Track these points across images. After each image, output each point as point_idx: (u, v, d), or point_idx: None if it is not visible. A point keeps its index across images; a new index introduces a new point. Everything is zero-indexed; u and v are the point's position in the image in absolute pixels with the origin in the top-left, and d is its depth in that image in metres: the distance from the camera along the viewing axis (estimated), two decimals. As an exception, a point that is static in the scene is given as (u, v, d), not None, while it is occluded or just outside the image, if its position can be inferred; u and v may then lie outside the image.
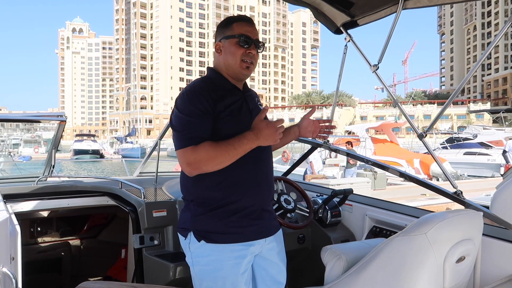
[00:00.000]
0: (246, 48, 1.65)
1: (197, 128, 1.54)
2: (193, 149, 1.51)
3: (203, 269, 1.60)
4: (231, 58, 1.65)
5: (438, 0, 1.92)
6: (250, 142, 1.52)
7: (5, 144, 26.30)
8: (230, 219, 1.60)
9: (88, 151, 40.52)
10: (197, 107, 1.55)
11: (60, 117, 2.92)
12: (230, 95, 1.65)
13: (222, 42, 1.68)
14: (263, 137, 1.51)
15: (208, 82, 1.66)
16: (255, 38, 1.67)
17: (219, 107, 1.58)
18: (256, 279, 1.74)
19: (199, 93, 1.57)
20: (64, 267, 3.44)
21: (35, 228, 3.34)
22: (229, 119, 1.59)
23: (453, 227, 1.57)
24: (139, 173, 3.66)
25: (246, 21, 1.69)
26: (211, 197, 1.60)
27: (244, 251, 1.61)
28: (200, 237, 1.59)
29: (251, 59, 1.66)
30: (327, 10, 2.26)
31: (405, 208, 2.42)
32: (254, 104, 1.76)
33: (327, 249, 1.90)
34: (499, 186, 1.85)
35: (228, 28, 1.68)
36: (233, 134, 1.56)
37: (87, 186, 2.91)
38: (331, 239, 2.56)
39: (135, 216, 2.42)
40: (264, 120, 1.55)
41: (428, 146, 2.09)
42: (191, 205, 1.65)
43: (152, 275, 2.28)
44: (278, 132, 1.53)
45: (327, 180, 10.67)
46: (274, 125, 1.53)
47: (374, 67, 2.15)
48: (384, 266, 1.58)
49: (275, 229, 1.77)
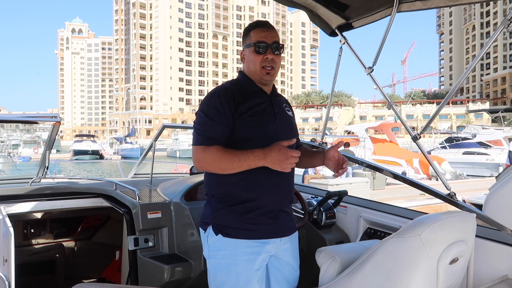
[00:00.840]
0: (262, 54, 1.70)
1: (212, 129, 1.61)
2: (204, 149, 1.60)
3: (219, 263, 1.65)
4: (252, 66, 1.72)
5: (432, 4, 1.93)
6: (256, 159, 1.56)
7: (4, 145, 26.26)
8: (248, 215, 1.65)
9: (87, 151, 40.53)
10: (217, 108, 1.62)
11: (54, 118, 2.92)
12: (255, 97, 1.71)
13: (245, 51, 1.76)
14: (271, 160, 1.54)
15: (236, 84, 1.74)
16: (271, 42, 1.71)
17: (241, 108, 1.64)
18: (270, 279, 1.78)
19: (222, 95, 1.64)
20: (58, 269, 3.42)
21: (28, 229, 3.32)
22: (251, 120, 1.65)
23: (446, 228, 1.58)
24: (134, 175, 3.65)
25: (262, 26, 1.74)
26: (231, 194, 1.66)
27: (259, 248, 1.66)
28: (218, 231, 1.65)
29: (271, 64, 1.71)
30: (322, 13, 2.27)
31: (399, 210, 2.43)
32: (281, 108, 1.79)
33: (321, 251, 1.89)
34: (492, 188, 1.86)
35: (247, 36, 1.75)
36: (252, 134, 1.64)
37: (81, 187, 2.90)
38: (325, 241, 2.56)
39: (129, 218, 2.42)
40: (281, 145, 1.55)
41: (422, 148, 2.09)
42: (212, 201, 1.72)
43: (147, 277, 2.28)
44: (289, 161, 1.53)
45: (326, 180, 10.68)
46: (285, 152, 1.53)
47: (369, 69, 2.15)
48: (378, 267, 1.59)
49: (291, 230, 1.81)
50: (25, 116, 3.27)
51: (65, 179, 3.48)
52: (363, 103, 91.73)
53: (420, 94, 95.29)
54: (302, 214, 2.59)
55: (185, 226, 2.43)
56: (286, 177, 1.73)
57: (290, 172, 1.76)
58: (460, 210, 1.92)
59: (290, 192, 1.80)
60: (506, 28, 1.67)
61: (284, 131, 1.76)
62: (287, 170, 1.56)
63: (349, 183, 10.17)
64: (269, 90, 1.79)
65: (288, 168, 1.55)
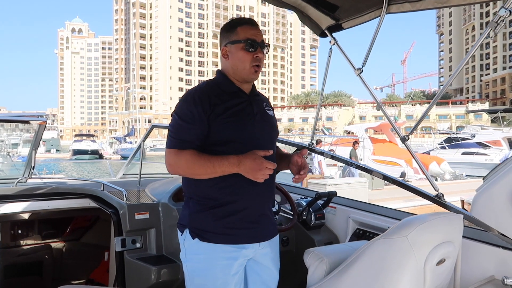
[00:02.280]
0: (253, 52, 1.65)
1: (186, 132, 1.57)
2: (176, 153, 1.56)
3: (196, 267, 1.62)
4: (240, 64, 1.66)
5: (420, 5, 1.94)
6: (230, 166, 1.53)
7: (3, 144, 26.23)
8: (226, 220, 1.61)
9: (87, 151, 40.50)
10: (191, 111, 1.57)
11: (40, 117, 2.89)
12: (233, 98, 1.66)
13: (228, 47, 1.68)
14: (245, 168, 1.52)
15: (213, 85, 1.68)
16: (260, 40, 1.67)
17: (217, 110, 1.59)
18: (248, 283, 1.74)
19: (197, 96, 1.60)
20: (46, 270, 3.39)
21: (15, 230, 3.28)
22: (228, 121, 1.60)
23: (433, 229, 1.58)
24: (122, 175, 3.63)
25: (250, 24, 1.69)
26: (210, 196, 1.62)
27: (236, 253, 1.62)
28: (195, 234, 1.62)
29: (259, 62, 1.67)
30: (312, 13, 2.27)
31: (388, 211, 2.43)
32: (261, 108, 1.75)
33: (309, 252, 1.89)
34: (479, 189, 1.86)
35: (233, 32, 1.67)
36: (230, 136, 1.59)
37: (68, 188, 2.87)
38: (315, 242, 2.55)
39: (117, 219, 2.39)
40: (257, 154, 1.54)
41: (410, 149, 2.09)
42: (190, 202, 1.68)
43: (134, 278, 2.26)
44: (263, 172, 1.51)
45: (324, 180, 10.67)
46: (261, 163, 1.51)
47: (358, 70, 2.15)
48: (365, 268, 1.59)
49: (271, 234, 1.77)
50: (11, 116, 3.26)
51: (52, 179, 3.44)
52: (363, 103, 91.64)
53: (419, 95, 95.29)
54: (291, 215, 2.58)
55: (173, 227, 2.40)
56: (269, 179, 1.66)
57: (272, 174, 1.72)
58: (448, 211, 1.92)
59: (272, 195, 1.78)
60: (493, 30, 1.68)
61: (264, 131, 1.71)
62: (259, 180, 1.53)
63: (348, 183, 10.15)
64: (248, 90, 1.74)
65: (261, 178, 1.52)
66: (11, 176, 3.18)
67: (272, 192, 1.77)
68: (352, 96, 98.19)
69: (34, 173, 3.24)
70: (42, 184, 3.01)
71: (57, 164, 28.01)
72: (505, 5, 1.58)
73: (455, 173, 16.90)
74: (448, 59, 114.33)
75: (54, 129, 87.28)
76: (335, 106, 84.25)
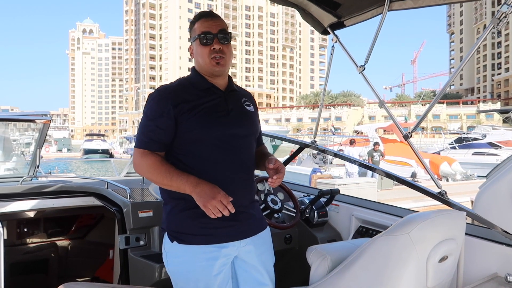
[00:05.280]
0: (209, 45, 1.60)
1: (152, 131, 1.55)
2: (142, 154, 1.55)
3: (177, 270, 1.60)
4: (200, 59, 1.63)
5: (423, 2, 1.93)
6: (187, 183, 1.49)
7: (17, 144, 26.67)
8: (201, 220, 1.56)
9: (98, 150, 40.81)
10: (157, 109, 1.54)
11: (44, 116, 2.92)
12: (205, 95, 1.61)
13: (192, 45, 1.67)
14: (200, 191, 1.48)
15: (185, 82, 1.64)
16: (217, 31, 1.60)
17: (185, 107, 1.55)
18: (239, 281, 1.70)
19: (163, 94, 1.56)
20: (51, 268, 3.41)
21: (21, 228, 3.30)
22: (196, 119, 1.55)
23: (436, 226, 1.58)
24: (126, 173, 3.65)
25: (206, 16, 1.64)
26: (183, 197, 1.57)
27: (216, 253, 1.57)
28: (173, 237, 1.59)
29: (220, 54, 1.60)
30: (314, 11, 2.27)
31: (391, 208, 2.43)
32: (237, 104, 1.69)
33: (312, 249, 1.89)
34: (482, 186, 1.85)
35: (192, 30, 1.66)
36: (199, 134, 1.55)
37: (72, 186, 2.88)
38: (318, 239, 2.55)
39: (120, 217, 2.40)
40: (218, 187, 1.50)
41: (413, 147, 2.08)
42: (166, 205, 1.66)
43: (138, 276, 2.27)
44: (215, 201, 1.45)
45: (333, 180, 10.65)
46: (217, 192, 1.47)
47: (361, 68, 2.14)
48: (367, 266, 1.59)
49: (254, 231, 1.70)
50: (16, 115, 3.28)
51: (57, 177, 3.46)
52: (372, 103, 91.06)
53: (430, 94, 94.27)
54: (294, 213, 2.58)
55: None
56: (242, 176, 1.65)
57: (250, 170, 1.70)
58: (451, 208, 1.91)
59: (250, 192, 1.71)
60: (496, 28, 1.67)
61: (241, 127, 1.66)
62: (207, 210, 1.47)
63: (356, 183, 10.11)
64: (223, 85, 1.68)
65: (209, 209, 1.46)
66: (16, 175, 3.20)
67: (250, 188, 1.71)
68: (362, 96, 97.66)
69: (39, 171, 3.26)
70: (47, 182, 3.03)
71: (69, 163, 28.32)
72: (508, 1, 1.57)
73: (467, 174, 16.72)
74: (459, 58, 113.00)
75: (65, 128, 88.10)
76: (344, 106, 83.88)
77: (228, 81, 1.72)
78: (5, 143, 8.30)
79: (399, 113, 63.55)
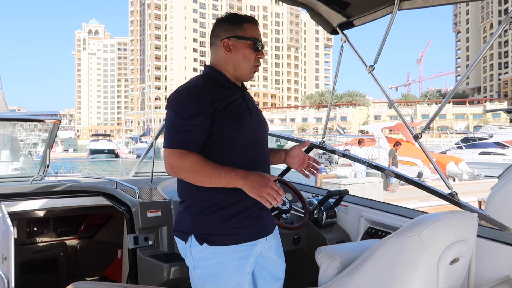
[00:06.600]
0: (257, 52, 1.63)
1: (189, 130, 1.47)
2: (181, 154, 1.46)
3: (206, 272, 1.56)
4: (244, 61, 1.61)
5: (433, 1, 1.91)
6: (236, 177, 1.47)
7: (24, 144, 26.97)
8: (232, 220, 1.56)
9: (103, 150, 41.00)
10: (194, 108, 1.48)
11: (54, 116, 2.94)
12: (231, 94, 1.60)
13: (233, 41, 1.60)
14: (251, 181, 1.46)
15: (209, 80, 1.60)
16: (261, 41, 1.67)
17: (219, 106, 1.52)
18: (256, 278, 1.71)
19: (199, 93, 1.50)
20: (60, 267, 3.43)
21: (31, 228, 3.33)
22: (232, 116, 1.55)
23: (447, 228, 1.56)
24: (135, 173, 3.66)
25: (255, 23, 1.67)
26: (213, 198, 1.55)
27: (248, 251, 1.59)
28: (202, 240, 1.55)
29: (260, 64, 1.67)
30: (323, 11, 2.26)
31: (400, 209, 2.40)
32: (253, 103, 1.71)
33: (321, 250, 1.88)
34: (494, 187, 1.83)
35: (240, 27, 1.61)
36: (231, 134, 1.54)
37: (82, 186, 2.90)
38: (326, 240, 2.54)
39: (129, 216, 2.41)
40: (268, 175, 1.50)
41: (423, 147, 2.07)
42: (190, 207, 1.60)
43: (146, 275, 2.27)
44: (267, 190, 1.44)
45: (338, 179, 10.61)
46: (268, 180, 1.46)
47: (370, 67, 2.13)
48: (377, 267, 1.57)
49: (273, 226, 1.76)
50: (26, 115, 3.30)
51: (66, 177, 3.49)
52: (378, 102, 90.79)
53: (436, 94, 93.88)
54: (302, 213, 2.57)
55: None
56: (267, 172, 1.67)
57: (269, 167, 1.72)
58: (462, 209, 1.89)
59: None
60: (508, 26, 1.65)
61: (259, 126, 1.69)
62: (261, 198, 1.45)
63: (362, 183, 10.08)
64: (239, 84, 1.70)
65: (264, 197, 1.44)
66: (26, 174, 3.23)
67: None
68: (367, 95, 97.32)
69: (49, 171, 3.28)
70: (56, 182, 3.04)
71: (75, 163, 28.48)
72: None
73: (474, 173, 16.62)
74: (465, 57, 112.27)
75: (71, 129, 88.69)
76: (350, 105, 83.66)
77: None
78: (12, 143, 8.37)
79: (405, 113, 63.20)
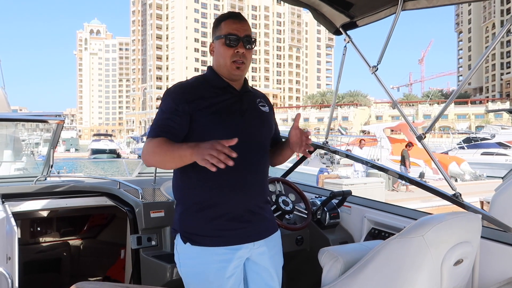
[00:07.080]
0: (233, 47, 1.59)
1: (164, 123, 1.52)
2: (149, 141, 1.50)
3: (190, 271, 1.58)
4: (221, 59, 1.61)
5: (437, 2, 1.90)
6: (187, 148, 1.37)
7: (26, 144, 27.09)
8: (216, 222, 1.56)
9: (105, 150, 41.05)
10: (173, 105, 1.54)
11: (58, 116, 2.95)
12: (221, 94, 1.61)
13: (214, 42, 1.65)
14: (198, 149, 1.32)
15: (201, 80, 1.64)
16: (243, 35, 1.60)
17: (202, 104, 1.55)
18: (249, 283, 1.69)
19: (180, 91, 1.57)
20: (64, 267, 3.45)
21: (35, 228, 3.35)
22: (213, 117, 1.55)
23: (451, 229, 1.55)
24: (138, 174, 3.67)
25: (234, 17, 1.63)
26: (197, 198, 1.57)
27: (230, 255, 1.56)
28: (186, 239, 1.57)
29: (242, 59, 1.60)
30: (327, 11, 2.26)
31: (404, 210, 2.40)
32: (252, 105, 1.68)
33: (324, 251, 1.88)
34: (498, 188, 1.82)
35: (218, 28, 1.63)
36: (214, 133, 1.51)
37: (85, 186, 2.91)
38: (329, 241, 2.54)
39: (132, 217, 2.41)
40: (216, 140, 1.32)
41: (427, 148, 2.06)
42: (178, 206, 1.65)
43: (149, 275, 2.27)
44: (210, 151, 1.28)
45: (340, 180, 10.61)
46: (216, 144, 1.29)
47: (373, 68, 2.13)
48: (381, 268, 1.57)
49: (267, 233, 1.69)
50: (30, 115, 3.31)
51: (70, 177, 3.50)
52: (379, 102, 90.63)
53: (437, 94, 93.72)
54: (305, 214, 2.56)
55: None
56: (255, 177, 1.64)
57: (260, 172, 1.67)
58: (466, 211, 1.89)
59: (264, 193, 1.70)
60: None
61: (253, 128, 1.64)
62: (205, 163, 1.29)
63: (364, 183, 10.08)
64: (239, 85, 1.67)
65: (206, 161, 1.28)
66: (30, 174, 3.24)
67: (264, 189, 1.70)
68: (369, 95, 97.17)
69: (52, 171, 3.29)
70: (60, 182, 3.05)
71: (76, 163, 28.51)
72: None
73: (476, 174, 16.60)
74: (467, 57, 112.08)
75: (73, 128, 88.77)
76: (351, 105, 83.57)
77: (244, 82, 1.71)
78: (15, 143, 8.39)
79: (407, 113, 62.96)
